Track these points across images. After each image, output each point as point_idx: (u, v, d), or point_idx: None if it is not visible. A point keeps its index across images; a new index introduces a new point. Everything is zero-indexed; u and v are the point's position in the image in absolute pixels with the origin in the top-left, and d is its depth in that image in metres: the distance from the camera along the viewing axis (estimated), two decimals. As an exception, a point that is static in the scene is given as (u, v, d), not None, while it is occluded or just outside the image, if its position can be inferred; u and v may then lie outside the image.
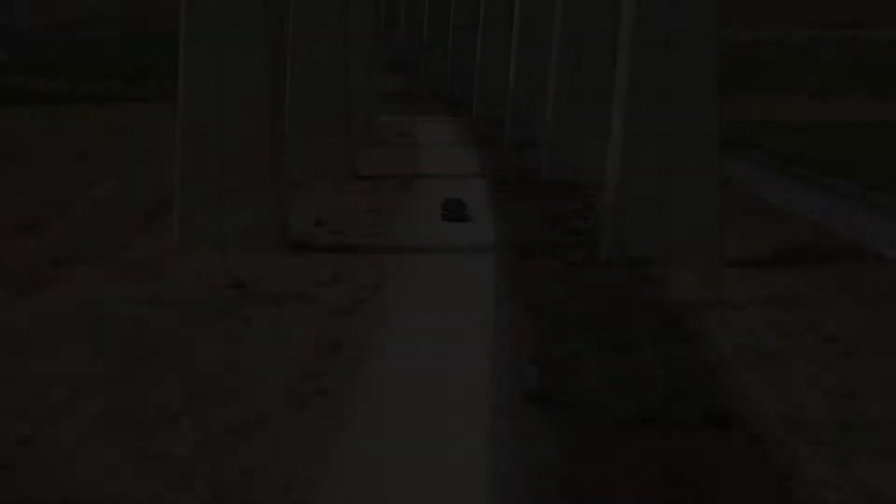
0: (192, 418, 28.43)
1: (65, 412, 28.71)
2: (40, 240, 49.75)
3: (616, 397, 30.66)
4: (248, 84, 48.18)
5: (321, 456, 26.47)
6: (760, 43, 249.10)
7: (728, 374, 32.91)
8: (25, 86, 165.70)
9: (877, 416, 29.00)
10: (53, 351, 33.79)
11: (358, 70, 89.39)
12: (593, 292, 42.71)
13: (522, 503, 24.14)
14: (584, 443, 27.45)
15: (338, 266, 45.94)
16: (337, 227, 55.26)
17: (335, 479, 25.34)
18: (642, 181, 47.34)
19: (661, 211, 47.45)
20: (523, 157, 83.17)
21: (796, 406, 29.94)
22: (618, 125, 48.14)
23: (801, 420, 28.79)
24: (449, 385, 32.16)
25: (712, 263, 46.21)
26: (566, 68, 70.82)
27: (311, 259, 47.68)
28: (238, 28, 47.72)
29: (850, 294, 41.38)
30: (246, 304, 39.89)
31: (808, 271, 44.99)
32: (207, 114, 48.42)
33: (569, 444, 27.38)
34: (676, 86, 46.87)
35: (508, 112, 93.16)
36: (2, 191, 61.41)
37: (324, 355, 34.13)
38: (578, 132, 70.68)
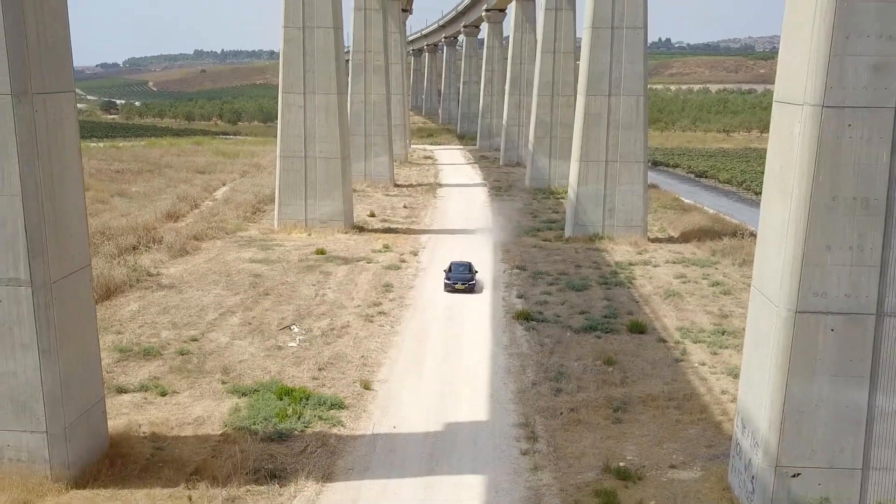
0: (300, 327, 32.43)
1: (217, 324, 32.61)
2: (183, 224, 53.10)
3: (571, 316, 34.42)
4: (326, 120, 51.48)
5: (384, 348, 30.54)
6: (686, 94, 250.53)
7: (647, 304, 36.42)
8: (156, 124, 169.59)
9: (740, 327, 32.59)
10: (203, 290, 37.48)
11: (396, 112, 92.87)
12: (559, 257, 45.94)
13: (513, 368, 28.17)
14: (548, 340, 31.38)
15: (387, 241, 49.43)
16: (384, 217, 58.85)
17: (392, 359, 29.48)
18: (592, 186, 50.36)
19: (605, 205, 50.51)
20: (513, 173, 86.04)
21: (689, 322, 33.65)
22: (576, 148, 50.89)
23: (692, 330, 32.53)
24: (464, 306, 36.03)
25: (640, 239, 49.46)
26: (542, 109, 73.66)
27: (368, 237, 51.00)
28: (318, 83, 51.25)
29: (731, 258, 44.50)
30: (327, 263, 43.43)
31: (704, 244, 48.07)
32: (297, 140, 51.90)
33: (539, 341, 31.31)
34: (616, 121, 49.52)
35: (502, 141, 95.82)
36: (154, 194, 64.93)
37: (381, 292, 37.91)
38: (551, 154, 73.82)
